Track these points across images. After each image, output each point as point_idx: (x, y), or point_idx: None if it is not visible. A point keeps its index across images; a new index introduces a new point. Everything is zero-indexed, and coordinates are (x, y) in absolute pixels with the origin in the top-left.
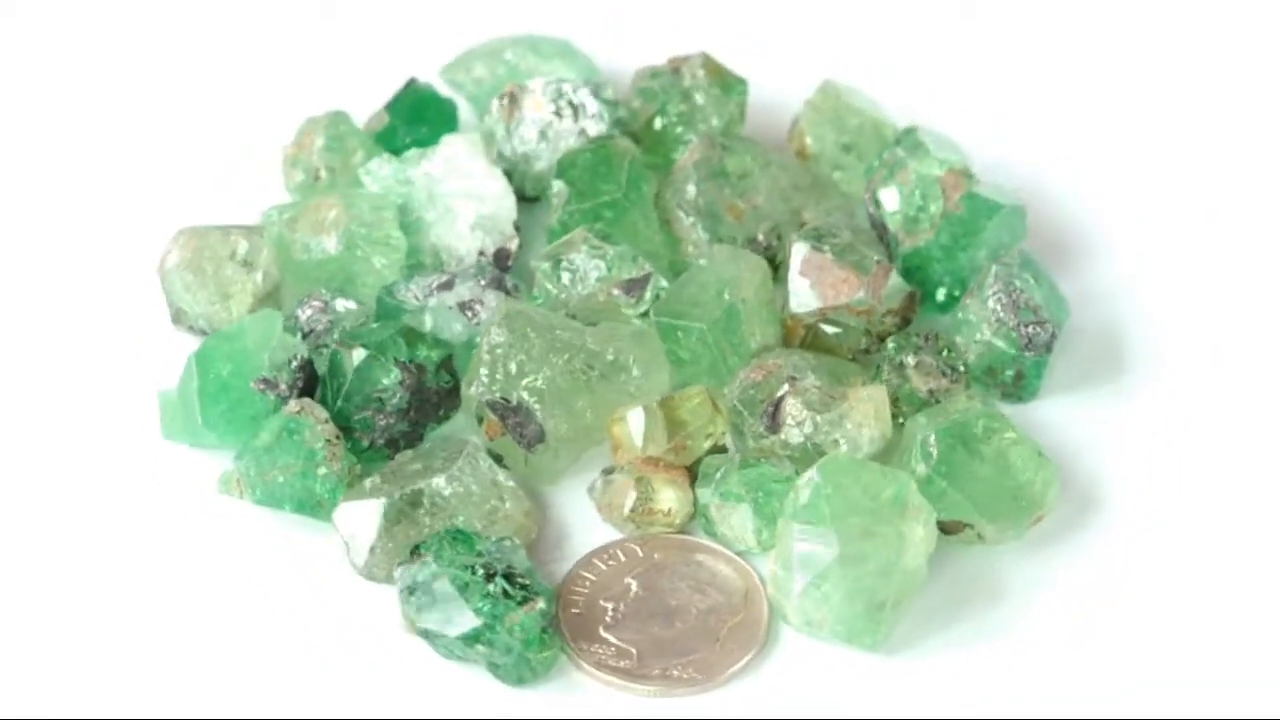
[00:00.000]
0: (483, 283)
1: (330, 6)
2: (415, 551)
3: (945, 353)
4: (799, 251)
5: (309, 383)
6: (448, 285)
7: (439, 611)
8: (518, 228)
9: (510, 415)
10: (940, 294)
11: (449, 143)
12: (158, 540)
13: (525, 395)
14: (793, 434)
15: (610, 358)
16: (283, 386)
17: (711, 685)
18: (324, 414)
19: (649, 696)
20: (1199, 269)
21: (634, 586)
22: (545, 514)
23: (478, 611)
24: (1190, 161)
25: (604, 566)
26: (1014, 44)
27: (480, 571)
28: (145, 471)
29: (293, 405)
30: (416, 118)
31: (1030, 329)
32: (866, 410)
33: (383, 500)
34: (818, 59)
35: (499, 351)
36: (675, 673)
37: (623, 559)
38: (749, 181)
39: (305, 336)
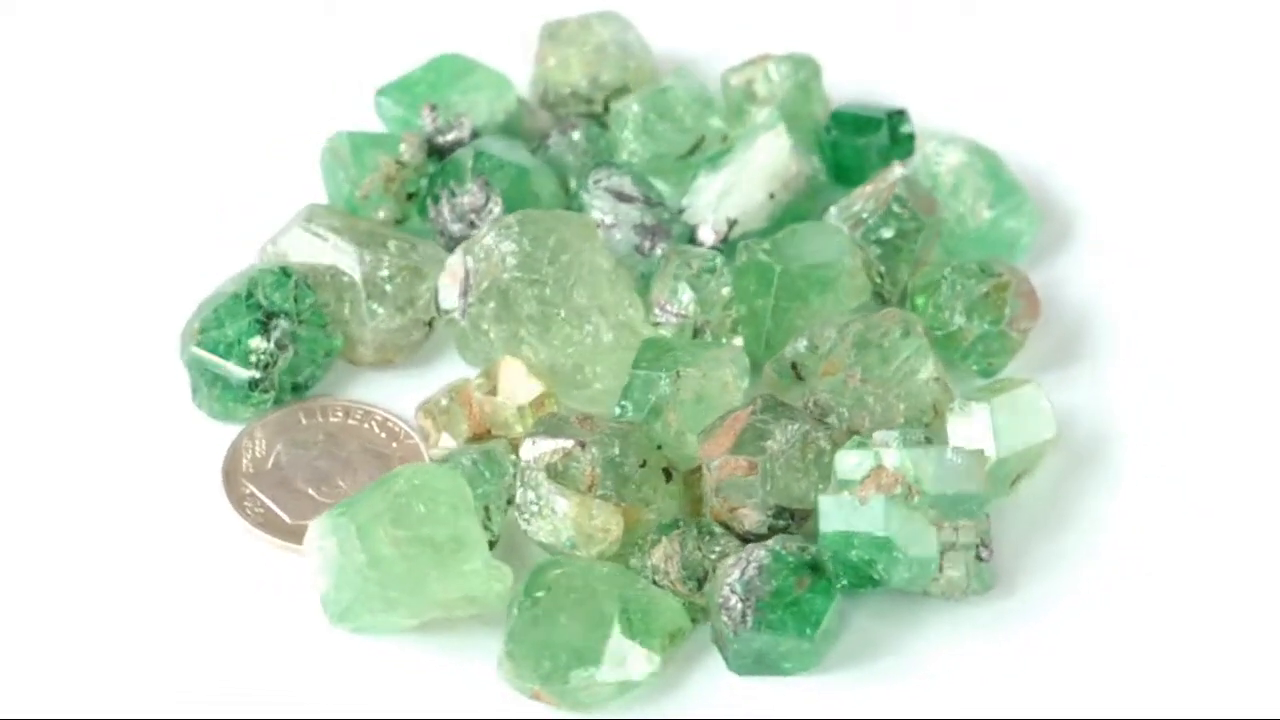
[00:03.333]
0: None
1: (331, 5)
2: None
3: None
4: None
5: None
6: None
7: None
8: None
9: None
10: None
11: None
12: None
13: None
14: None
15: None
16: None
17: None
18: None
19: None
20: (1195, 261)
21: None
22: None
23: None
24: (1184, 151)
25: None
26: (1014, 42)
27: None
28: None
29: None
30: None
31: None
32: None
33: None
34: (817, 58)
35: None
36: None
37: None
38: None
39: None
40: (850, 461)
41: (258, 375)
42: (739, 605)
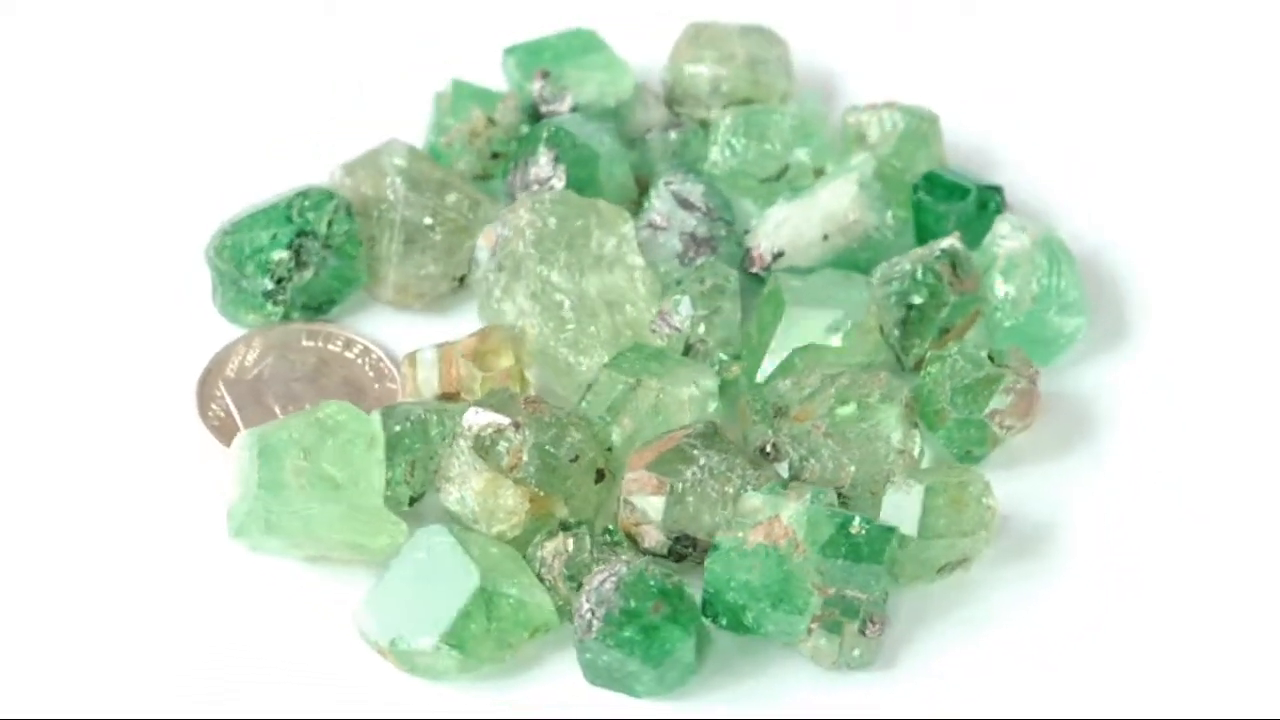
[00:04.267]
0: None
1: (332, 4)
2: None
3: None
4: None
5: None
6: (688, 205)
7: None
8: None
9: None
10: None
11: None
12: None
13: None
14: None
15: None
16: None
17: None
18: None
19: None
20: (1201, 265)
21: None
22: None
23: None
24: (1188, 156)
25: None
26: (1013, 41)
27: None
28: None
29: None
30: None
31: None
32: None
33: None
34: (816, 55)
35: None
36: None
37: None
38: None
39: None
40: (752, 504)
41: (270, 286)
42: (589, 614)
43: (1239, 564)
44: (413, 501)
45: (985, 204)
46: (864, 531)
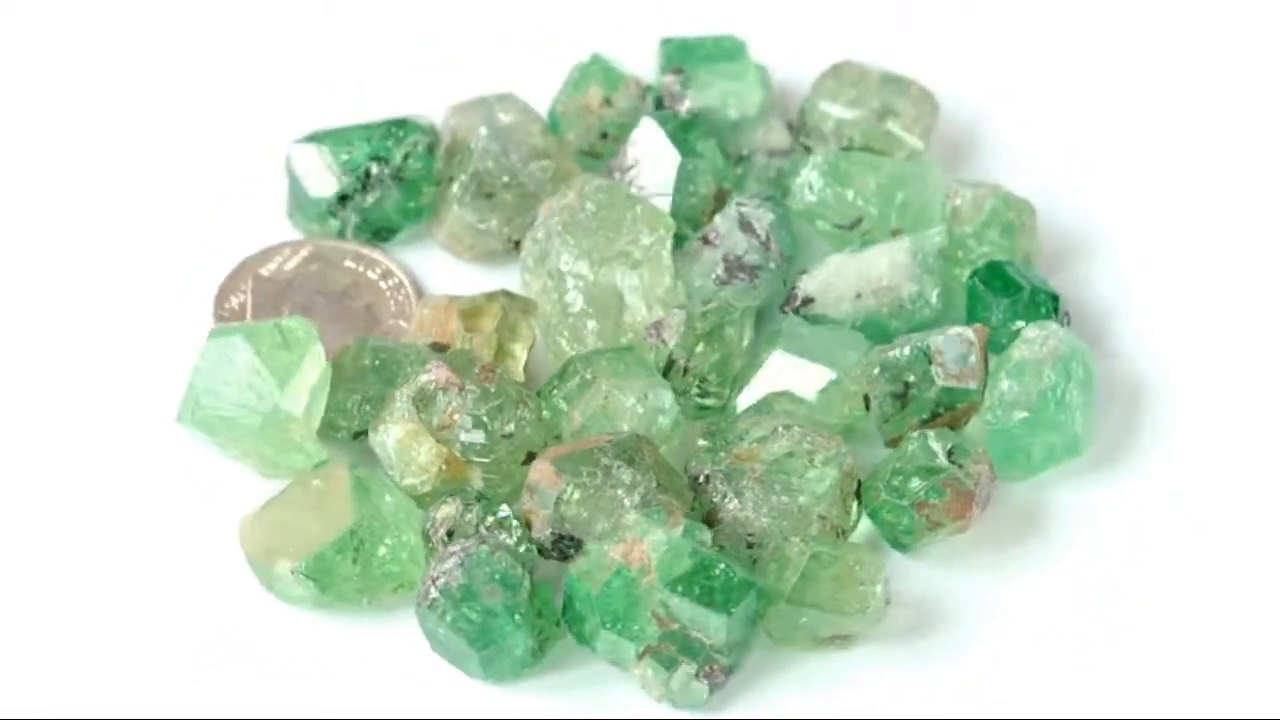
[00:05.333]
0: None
1: (332, 4)
2: None
3: None
4: None
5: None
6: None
7: None
8: None
9: None
10: None
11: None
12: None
13: None
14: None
15: None
16: None
17: None
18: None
19: None
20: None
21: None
22: None
23: None
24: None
25: None
26: (1013, 40)
27: None
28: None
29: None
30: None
31: None
32: None
33: None
34: (820, 54)
35: None
36: None
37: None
38: None
39: None
40: (626, 521)
41: (331, 200)
42: (429, 583)
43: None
44: (356, 436)
45: (1037, 306)
46: (722, 578)
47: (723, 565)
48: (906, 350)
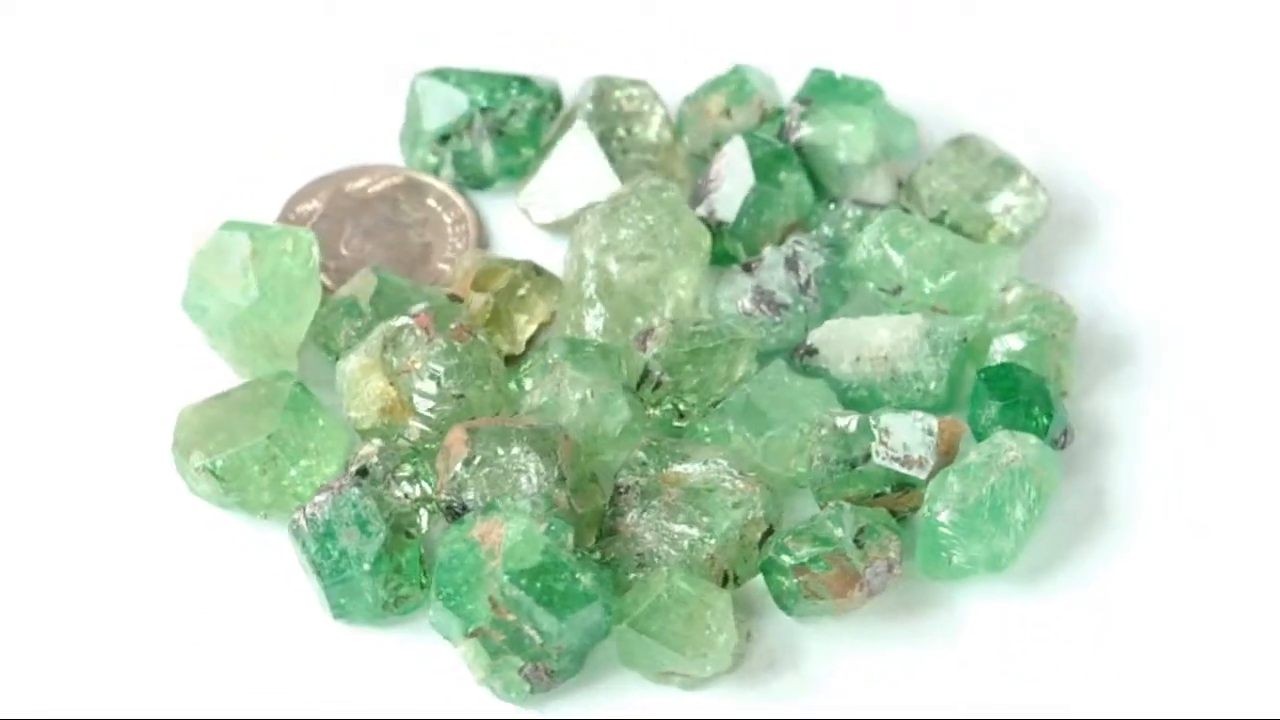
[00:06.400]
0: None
1: (332, 4)
2: None
3: None
4: None
5: None
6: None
7: None
8: None
9: None
10: None
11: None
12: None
13: None
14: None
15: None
16: None
17: None
18: None
19: None
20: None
21: None
22: None
23: None
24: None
25: None
26: (1013, 40)
27: None
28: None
29: None
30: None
31: None
32: None
33: None
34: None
35: None
36: None
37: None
38: None
39: None
40: (506, 502)
41: (434, 136)
42: (302, 509)
43: None
44: (337, 356)
45: (1030, 419)
46: (566, 582)
47: (571, 571)
48: (854, 423)
